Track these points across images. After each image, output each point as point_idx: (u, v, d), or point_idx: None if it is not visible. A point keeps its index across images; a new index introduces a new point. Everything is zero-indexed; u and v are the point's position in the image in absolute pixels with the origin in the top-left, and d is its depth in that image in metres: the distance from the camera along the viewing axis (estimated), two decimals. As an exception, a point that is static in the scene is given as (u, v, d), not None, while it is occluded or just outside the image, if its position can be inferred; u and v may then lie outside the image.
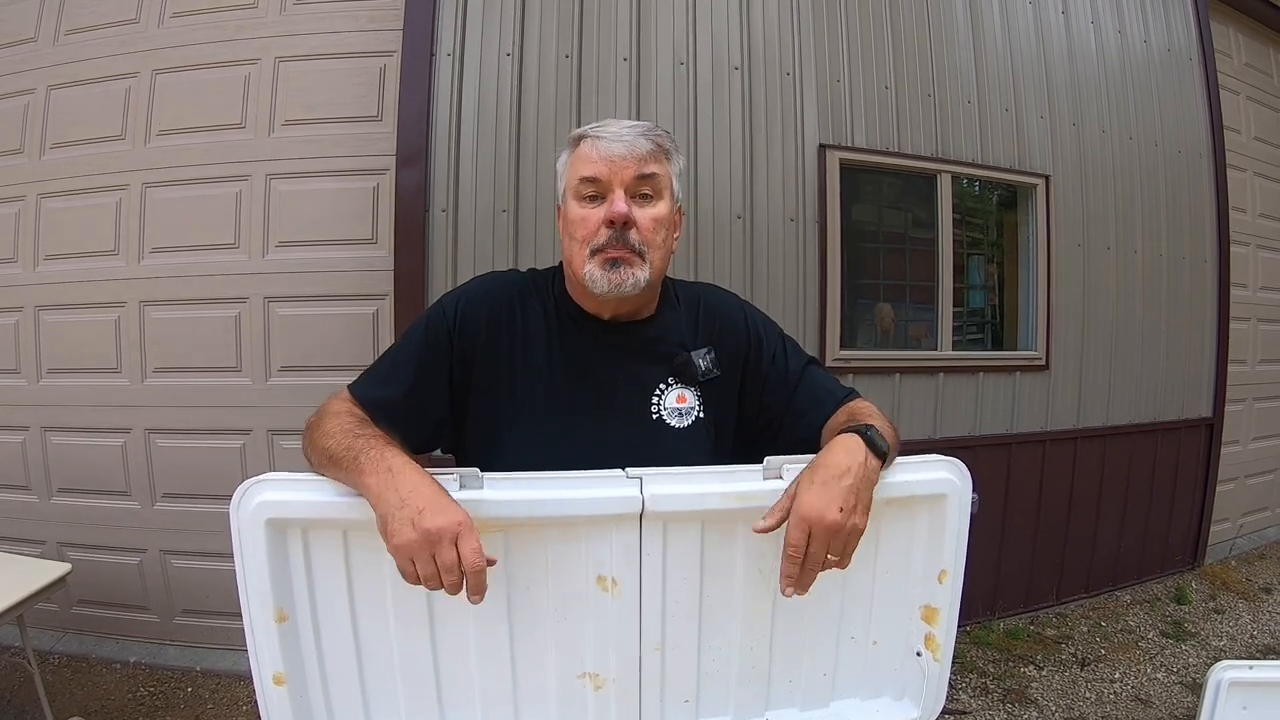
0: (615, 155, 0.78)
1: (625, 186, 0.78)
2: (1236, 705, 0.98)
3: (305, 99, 2.20)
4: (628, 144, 0.78)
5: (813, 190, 2.34)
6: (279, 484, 0.69)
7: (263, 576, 0.69)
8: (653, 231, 0.80)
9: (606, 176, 0.78)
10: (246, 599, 0.70)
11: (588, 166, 0.79)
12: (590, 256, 0.79)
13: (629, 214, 0.78)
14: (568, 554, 0.73)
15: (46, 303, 2.34)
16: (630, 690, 0.77)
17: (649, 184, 0.80)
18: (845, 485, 0.68)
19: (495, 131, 2.11)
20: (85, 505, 2.35)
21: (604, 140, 0.79)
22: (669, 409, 0.84)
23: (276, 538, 0.69)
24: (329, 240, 2.18)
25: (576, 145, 0.82)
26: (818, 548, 0.67)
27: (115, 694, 2.18)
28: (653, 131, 0.81)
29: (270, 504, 0.68)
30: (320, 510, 0.69)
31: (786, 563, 0.67)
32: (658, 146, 0.80)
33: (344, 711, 0.76)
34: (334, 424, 0.73)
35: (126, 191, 2.29)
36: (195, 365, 2.24)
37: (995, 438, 2.62)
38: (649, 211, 0.80)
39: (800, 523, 0.67)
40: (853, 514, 0.67)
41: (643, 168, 0.79)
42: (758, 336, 0.89)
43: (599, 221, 0.78)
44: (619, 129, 0.80)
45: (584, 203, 0.80)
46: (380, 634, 0.74)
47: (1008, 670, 2.43)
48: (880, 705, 0.86)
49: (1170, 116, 2.99)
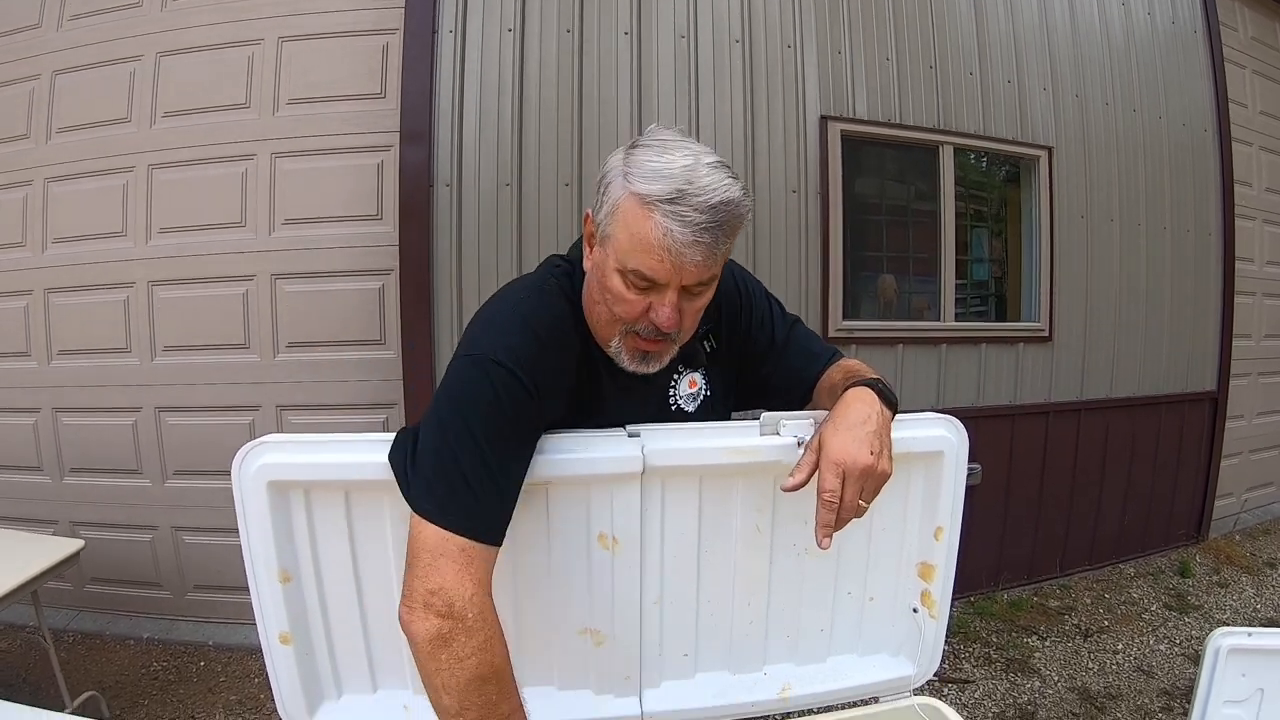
0: (685, 260, 0.65)
1: (680, 287, 0.68)
2: (1235, 672, 0.98)
3: (309, 78, 2.22)
4: (705, 248, 0.65)
5: (814, 162, 2.35)
6: (280, 446, 0.69)
7: (266, 538, 0.70)
8: (693, 322, 0.72)
9: (666, 278, 0.67)
10: (250, 560, 0.71)
11: (646, 261, 0.66)
12: (623, 335, 0.72)
13: (676, 323, 0.69)
14: (570, 513, 0.74)
15: (55, 285, 2.36)
16: (630, 644, 0.79)
17: (705, 282, 0.69)
18: (869, 430, 0.68)
19: (498, 106, 2.12)
20: (97, 484, 2.38)
21: (676, 236, 0.64)
22: (684, 396, 0.84)
23: (279, 499, 0.70)
24: (334, 217, 2.20)
25: (644, 208, 0.65)
26: (852, 492, 0.66)
27: (129, 669, 2.21)
28: (733, 211, 0.66)
29: (272, 466, 0.69)
30: (321, 472, 0.69)
31: (823, 511, 0.66)
32: (732, 232, 0.67)
33: (349, 671, 0.77)
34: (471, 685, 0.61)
35: (133, 173, 2.31)
36: (204, 343, 2.26)
37: (998, 409, 2.63)
38: (695, 304, 0.71)
39: (834, 468, 0.66)
40: (881, 458, 0.67)
41: (705, 273, 0.67)
42: (748, 300, 0.87)
43: (643, 312, 0.69)
44: (699, 216, 0.64)
45: (631, 287, 0.68)
46: (384, 594, 0.75)
47: (1010, 640, 2.45)
48: (877, 662, 0.87)
49: (1175, 89, 2.97)
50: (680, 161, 0.65)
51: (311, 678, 0.76)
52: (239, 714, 2.00)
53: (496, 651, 0.64)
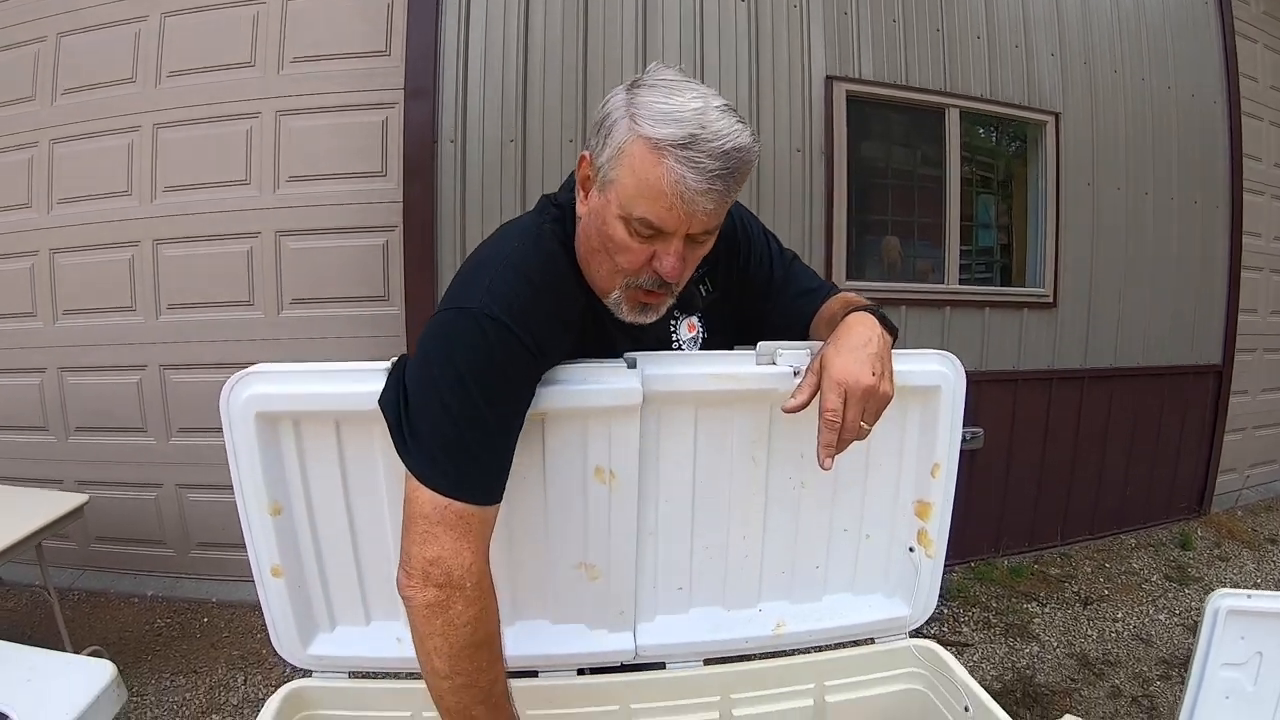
0: (696, 211, 0.62)
1: (685, 235, 0.65)
2: (1234, 635, 0.98)
3: (313, 36, 2.21)
4: (718, 196, 0.62)
5: (819, 122, 2.34)
6: (268, 376, 0.68)
7: (255, 470, 0.69)
8: (694, 265, 0.70)
9: (673, 229, 0.64)
10: (241, 492, 0.70)
11: (654, 209, 0.63)
12: (623, 287, 0.69)
13: (680, 273, 0.67)
14: (567, 446, 0.73)
15: (61, 245, 2.36)
16: (625, 578, 0.78)
17: (709, 229, 0.67)
18: (871, 352, 0.68)
19: (502, 63, 2.11)
20: (102, 443, 2.39)
21: (688, 183, 0.61)
22: (684, 340, 0.83)
23: (268, 431, 0.68)
24: (339, 174, 2.20)
25: (654, 152, 0.62)
26: (854, 412, 0.66)
27: (133, 626, 2.23)
28: (744, 157, 0.63)
29: (260, 397, 0.67)
30: (311, 403, 0.67)
31: (825, 431, 0.66)
32: (741, 179, 0.64)
33: (342, 603, 0.77)
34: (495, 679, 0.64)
35: (138, 133, 2.31)
36: (208, 300, 2.27)
37: (1001, 374, 2.62)
38: (699, 252, 0.69)
39: (836, 387, 0.66)
40: (883, 380, 0.67)
41: (713, 221, 0.65)
42: (746, 237, 0.85)
43: (645, 261, 0.67)
44: (711, 163, 0.61)
45: (635, 237, 0.66)
46: (376, 526, 0.74)
47: (1010, 606, 2.45)
48: (873, 601, 0.86)
49: (1184, 60, 2.95)
50: (691, 104, 0.62)
51: (305, 610, 0.75)
52: (241, 668, 2.02)
53: (492, 620, 0.65)
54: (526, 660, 0.79)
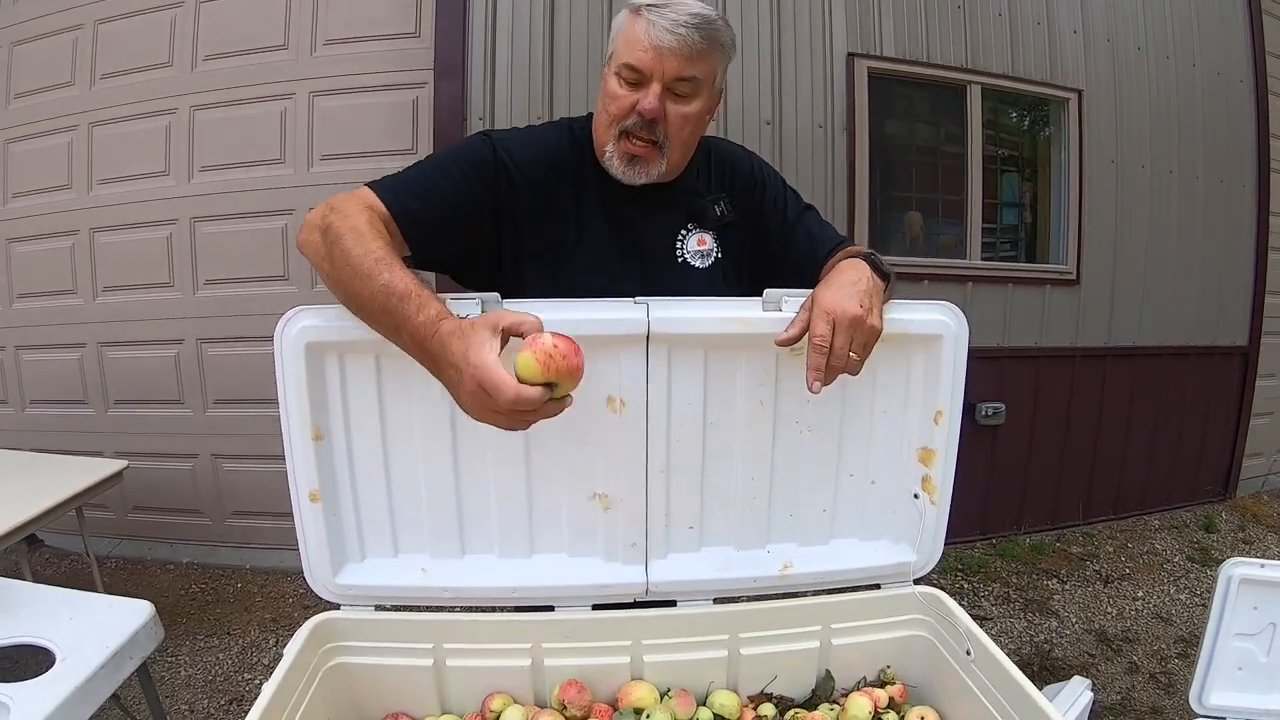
0: (664, 46, 0.77)
1: (664, 81, 0.79)
2: (1247, 604, 0.98)
3: (345, 18, 2.27)
4: (680, 39, 0.77)
5: (841, 98, 2.36)
6: (318, 312, 0.73)
7: (302, 397, 0.74)
8: (679, 128, 0.82)
9: (649, 68, 0.78)
10: (287, 418, 0.74)
11: (633, 52, 0.79)
12: (616, 138, 0.82)
13: (659, 110, 0.79)
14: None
15: (100, 225, 2.44)
16: (637, 512, 0.81)
17: (687, 84, 0.80)
18: (860, 288, 0.72)
19: (529, 42, 2.15)
20: (140, 415, 2.47)
21: (658, 28, 0.77)
22: (692, 252, 0.90)
23: (315, 360, 0.73)
24: (371, 152, 2.25)
25: (634, 15, 0.80)
26: (842, 340, 0.69)
27: (169, 591, 2.31)
28: (710, 24, 0.79)
29: (310, 329, 0.72)
30: (354, 334, 0.72)
31: (814, 355, 0.70)
32: (710, 44, 0.79)
33: (372, 533, 0.80)
34: (359, 248, 0.67)
35: (175, 115, 2.38)
36: (244, 275, 2.33)
37: (1024, 350, 2.62)
38: (680, 109, 0.81)
39: (824, 315, 0.70)
40: (870, 314, 0.71)
41: (685, 69, 0.78)
42: (762, 180, 0.94)
43: (631, 106, 0.80)
44: (676, 16, 0.77)
45: (623, 84, 0.80)
46: (407, 453, 0.78)
47: (1031, 582, 2.45)
48: (879, 547, 0.87)
49: (1210, 37, 2.92)
50: None
51: (337, 538, 0.79)
52: (272, 631, 2.08)
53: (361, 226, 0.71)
54: (545, 592, 0.83)
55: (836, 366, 0.70)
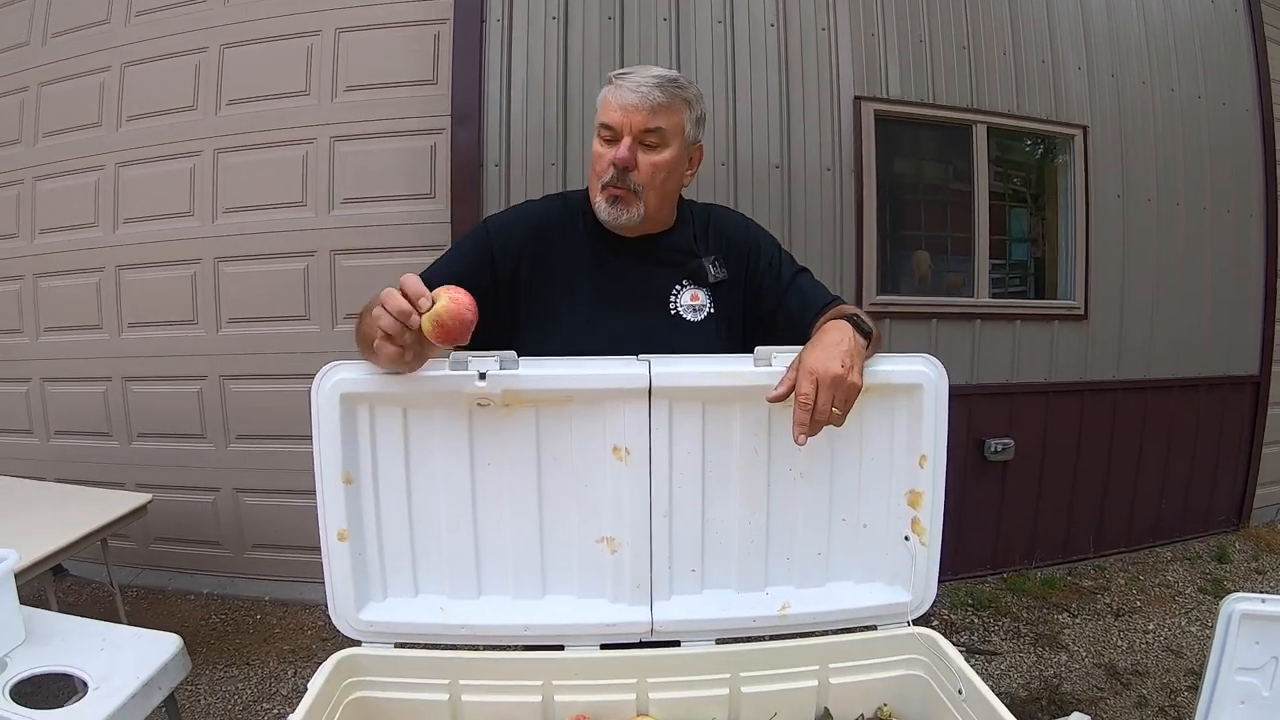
0: (628, 105, 0.89)
1: (634, 134, 0.90)
2: (1249, 640, 0.99)
3: (365, 66, 2.34)
4: (642, 96, 0.89)
5: (848, 141, 2.40)
6: (353, 366, 0.81)
7: (335, 443, 0.80)
8: (650, 175, 0.92)
9: (619, 124, 0.90)
10: (320, 461, 0.81)
11: (607, 113, 0.92)
12: (601, 190, 0.92)
13: (629, 160, 0.90)
14: (588, 426, 0.83)
15: (126, 262, 2.51)
16: (642, 554, 0.86)
17: (655, 135, 0.91)
18: (843, 349, 0.78)
19: (543, 90, 2.22)
20: (163, 448, 2.53)
21: (623, 90, 0.90)
22: (684, 306, 0.97)
23: (348, 410, 0.80)
24: (390, 196, 2.32)
25: (609, 84, 0.93)
26: (825, 398, 0.75)
27: (189, 621, 2.35)
28: (670, 84, 0.91)
29: (344, 381, 0.80)
30: (385, 387, 0.80)
31: (799, 411, 0.76)
32: (671, 98, 0.90)
33: (395, 573, 0.86)
34: None
35: (200, 158, 2.45)
36: (266, 315, 2.40)
37: (1032, 385, 2.64)
38: (650, 158, 0.91)
39: (808, 375, 0.76)
40: (851, 371, 0.76)
41: (650, 121, 0.90)
42: (757, 244, 1.02)
43: (609, 161, 0.91)
44: (639, 79, 0.90)
45: (602, 143, 0.93)
46: (430, 498, 0.84)
47: (1041, 616, 2.45)
48: (874, 589, 0.91)
49: (1214, 69, 2.94)
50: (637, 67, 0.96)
51: (362, 577, 0.84)
52: (291, 662, 2.12)
53: None
54: (556, 631, 0.87)
55: (820, 421, 0.76)
